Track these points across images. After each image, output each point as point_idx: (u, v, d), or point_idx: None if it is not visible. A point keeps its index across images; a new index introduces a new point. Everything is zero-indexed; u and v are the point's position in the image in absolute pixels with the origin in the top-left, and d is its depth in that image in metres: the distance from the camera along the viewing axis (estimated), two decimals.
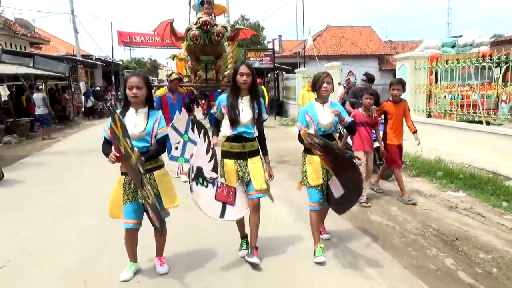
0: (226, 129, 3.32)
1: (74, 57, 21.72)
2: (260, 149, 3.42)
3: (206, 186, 3.15)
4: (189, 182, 3.05)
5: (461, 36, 13.83)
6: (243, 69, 3.21)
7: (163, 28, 7.19)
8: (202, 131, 3.36)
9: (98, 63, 23.79)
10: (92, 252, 3.75)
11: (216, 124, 3.51)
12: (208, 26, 6.78)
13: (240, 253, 3.56)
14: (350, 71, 9.43)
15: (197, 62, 7.69)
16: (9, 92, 12.38)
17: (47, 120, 12.37)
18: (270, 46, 35.22)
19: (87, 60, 22.30)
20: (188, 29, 6.98)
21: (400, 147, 5.36)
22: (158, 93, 6.40)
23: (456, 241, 3.85)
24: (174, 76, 6.49)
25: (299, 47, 22.06)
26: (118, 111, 2.99)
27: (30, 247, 3.95)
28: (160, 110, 3.24)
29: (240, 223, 3.55)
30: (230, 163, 3.33)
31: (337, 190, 3.38)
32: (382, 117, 5.68)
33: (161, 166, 3.15)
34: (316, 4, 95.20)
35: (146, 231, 3.23)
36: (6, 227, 4.62)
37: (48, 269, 3.45)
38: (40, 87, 14.37)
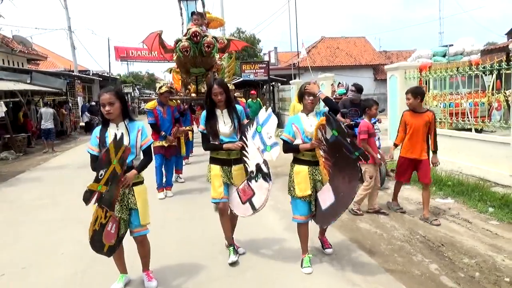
0: (213, 140, 3.62)
1: (71, 72, 21.92)
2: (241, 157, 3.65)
3: (257, 181, 3.45)
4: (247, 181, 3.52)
5: (452, 45, 14.08)
6: (215, 89, 3.47)
7: (151, 40, 6.90)
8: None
9: (95, 78, 24.00)
10: (85, 265, 3.81)
11: (206, 139, 3.65)
12: (198, 37, 6.52)
13: (230, 259, 3.65)
14: (339, 82, 9.58)
15: (187, 74, 7.34)
16: (6, 109, 12.51)
17: (52, 134, 13.13)
18: (266, 58, 35.65)
19: (84, 76, 22.52)
20: (178, 41, 6.67)
21: (416, 162, 4.85)
22: (148, 106, 6.29)
23: (442, 247, 3.93)
24: (164, 88, 6.19)
25: (294, 59, 22.31)
26: (98, 128, 3.10)
27: (24, 260, 4.01)
28: (141, 122, 3.25)
29: (224, 222, 3.73)
30: (216, 168, 3.63)
31: (326, 199, 3.39)
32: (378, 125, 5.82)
33: (141, 182, 3.19)
34: (311, 16, 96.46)
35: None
36: (4, 241, 4.68)
37: (41, 283, 3.52)
38: (49, 102, 15.20)
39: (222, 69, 8.60)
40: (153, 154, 5.04)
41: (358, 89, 6.90)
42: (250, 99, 12.47)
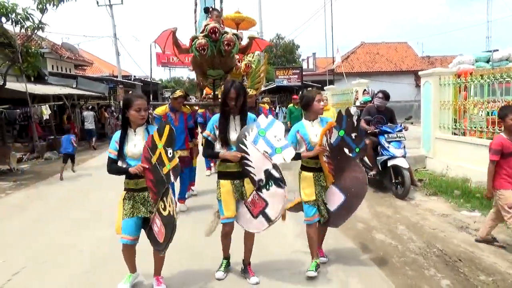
0: (220, 148, 3.36)
1: (114, 77, 22.95)
2: None
3: (268, 189, 3.23)
4: (255, 187, 3.26)
5: (497, 50, 13.35)
6: (232, 93, 3.23)
7: (164, 38, 6.09)
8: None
9: (137, 83, 24.94)
10: (99, 263, 3.97)
11: (210, 147, 3.46)
12: (217, 34, 5.65)
13: (216, 273, 3.51)
14: (365, 89, 9.38)
15: (203, 77, 6.36)
16: (50, 111, 13.30)
17: (93, 132, 15.52)
18: (304, 64, 35.53)
19: (126, 81, 23.48)
20: (194, 38, 5.75)
21: None
22: (158, 111, 5.77)
23: (458, 262, 3.73)
24: (178, 93, 5.63)
25: (331, 65, 22.07)
26: (118, 133, 3.16)
27: (45, 255, 4.25)
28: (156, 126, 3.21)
29: (226, 241, 3.50)
30: (226, 184, 3.32)
31: (334, 201, 3.56)
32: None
33: None
34: (351, 21, 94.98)
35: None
36: (26, 236, 4.99)
37: (56, 278, 3.70)
38: (91, 106, 17.67)
39: (252, 72, 7.54)
40: None
41: (386, 96, 6.72)
42: (291, 104, 11.68)
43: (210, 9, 6.45)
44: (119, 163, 3.13)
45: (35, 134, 13.06)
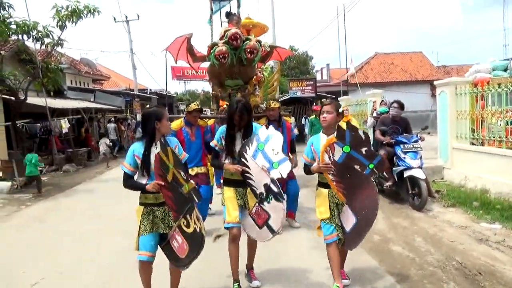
0: (226, 159, 3.45)
1: (130, 91, 23.37)
2: None
3: (269, 202, 3.25)
4: (257, 201, 3.29)
5: None
6: (237, 116, 3.29)
7: (177, 46, 5.53)
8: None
9: (153, 96, 25.33)
10: (115, 275, 4.01)
11: (217, 157, 3.56)
12: (238, 41, 5.15)
13: None
14: (382, 100, 9.31)
15: (221, 87, 5.83)
16: (69, 125, 13.60)
17: (116, 143, 16.91)
18: (318, 75, 35.53)
19: (142, 94, 23.87)
20: (213, 45, 5.29)
21: None
22: (172, 126, 5.03)
23: (479, 275, 3.63)
24: (193, 106, 5.19)
25: (346, 76, 22.03)
26: (137, 146, 3.03)
27: (62, 266, 4.31)
28: (175, 138, 3.25)
29: (233, 254, 3.44)
30: (230, 190, 3.41)
31: (348, 221, 3.27)
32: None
33: None
34: (365, 31, 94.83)
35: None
36: (45, 247, 5.07)
37: None
38: (112, 119, 18.73)
39: (265, 81, 7.01)
40: None
41: (401, 105, 6.68)
42: (313, 116, 11.19)
43: (232, 13, 6.08)
44: (142, 179, 3.00)
45: (54, 147, 13.36)
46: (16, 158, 10.03)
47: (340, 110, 3.34)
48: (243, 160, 3.30)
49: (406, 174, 6.13)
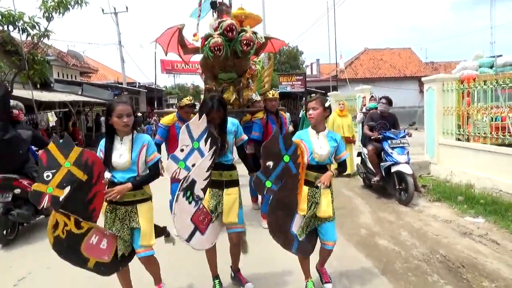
0: None
1: (119, 84, 23.14)
2: (237, 179, 3.31)
3: (190, 203, 2.96)
4: (178, 191, 2.90)
5: (501, 56, 13.34)
6: (217, 109, 3.09)
7: (168, 37, 5.27)
8: (214, 147, 3.06)
9: (142, 89, 25.14)
10: None
11: None
12: (234, 33, 4.90)
13: None
14: (371, 96, 9.40)
15: (213, 81, 5.55)
16: (56, 118, 13.42)
17: None
18: (308, 70, 35.62)
19: (131, 87, 23.68)
20: (208, 37, 5.01)
21: None
22: (164, 121, 5.10)
23: (462, 268, 3.72)
24: (185, 101, 5.09)
25: (335, 71, 22.12)
26: (103, 141, 2.91)
27: (49, 261, 4.27)
28: (147, 135, 3.04)
29: (212, 261, 3.36)
30: (207, 191, 3.16)
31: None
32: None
33: (147, 199, 2.97)
34: (355, 27, 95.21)
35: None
36: (31, 242, 5.03)
37: (62, 282, 3.76)
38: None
39: (258, 75, 6.66)
40: (169, 182, 4.71)
41: (389, 101, 6.76)
42: (304, 111, 10.55)
43: (218, 4, 5.65)
44: (107, 174, 2.88)
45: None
46: None
47: (327, 104, 3.20)
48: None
49: (393, 169, 6.22)
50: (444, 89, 8.00)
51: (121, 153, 2.84)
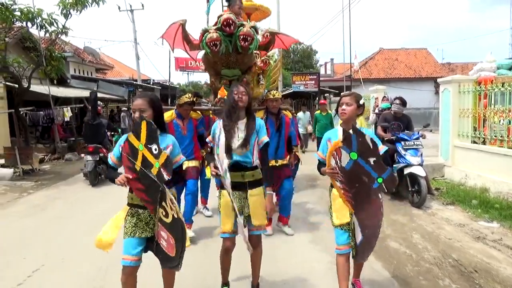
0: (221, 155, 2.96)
1: (133, 81, 23.37)
2: (261, 177, 3.07)
3: None
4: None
5: None
6: (240, 88, 2.99)
7: (173, 33, 5.12)
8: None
9: (156, 87, 25.32)
10: (115, 261, 4.04)
11: (212, 154, 3.11)
12: (232, 27, 4.72)
13: None
14: (384, 96, 9.31)
15: (217, 77, 5.37)
16: (71, 114, 13.65)
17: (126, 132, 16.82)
18: (322, 69, 35.44)
19: (145, 84, 23.87)
20: (204, 32, 4.85)
21: None
22: None
23: (474, 273, 3.67)
24: (184, 99, 4.82)
25: (348, 71, 21.95)
26: (125, 136, 2.66)
27: (62, 253, 4.37)
28: (171, 135, 2.85)
29: (226, 265, 3.17)
30: (225, 195, 2.98)
31: (358, 233, 2.91)
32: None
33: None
34: (370, 27, 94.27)
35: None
36: (46, 234, 5.13)
37: (75, 274, 3.83)
38: (124, 108, 18.84)
39: (269, 69, 6.26)
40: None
41: (403, 102, 6.69)
42: (318, 111, 10.49)
43: None
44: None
45: (56, 136, 13.41)
46: (18, 145, 10.08)
47: (361, 102, 2.96)
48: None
49: (406, 171, 6.15)
50: (461, 91, 7.87)
51: None
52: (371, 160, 2.70)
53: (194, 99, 5.09)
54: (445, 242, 4.49)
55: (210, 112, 5.37)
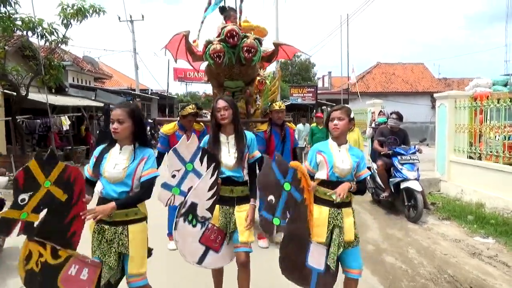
0: None
1: (131, 91, 23.46)
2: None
3: (194, 226, 2.74)
4: (176, 217, 2.70)
5: None
6: (219, 104, 2.86)
7: (176, 43, 5.11)
8: (213, 164, 2.77)
9: (154, 97, 25.43)
10: None
11: None
12: (235, 39, 4.69)
13: None
14: (380, 110, 9.37)
15: (220, 89, 5.34)
16: (69, 122, 13.65)
17: None
18: (320, 82, 35.70)
19: (143, 94, 23.97)
20: (208, 43, 4.83)
21: None
22: (164, 130, 4.84)
23: None
24: (188, 110, 4.68)
25: (346, 84, 22.13)
26: (101, 147, 2.60)
27: None
28: (151, 149, 2.67)
29: (219, 283, 3.10)
30: (216, 209, 2.85)
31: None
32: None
33: (141, 219, 2.56)
34: (367, 41, 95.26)
35: None
36: None
37: None
38: None
39: (265, 89, 6.31)
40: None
41: (399, 117, 6.74)
42: (314, 124, 10.42)
43: (227, 8, 5.42)
44: (98, 183, 2.54)
45: (53, 144, 13.36)
46: (14, 153, 10.05)
47: (352, 115, 2.88)
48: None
49: (402, 185, 6.17)
50: (457, 106, 7.95)
51: (117, 163, 2.48)
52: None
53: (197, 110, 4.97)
54: (440, 258, 4.49)
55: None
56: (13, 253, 4.62)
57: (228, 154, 2.87)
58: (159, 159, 4.44)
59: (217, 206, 2.83)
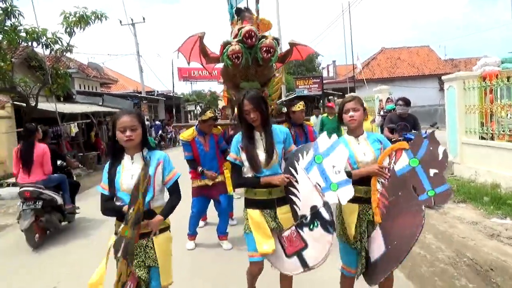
0: (248, 173, 2.75)
1: (138, 93, 23.60)
2: None
3: (312, 229, 2.59)
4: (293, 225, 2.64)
5: None
6: (246, 105, 2.67)
7: (190, 46, 5.08)
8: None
9: (160, 98, 25.55)
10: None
11: (238, 171, 2.81)
12: (253, 39, 4.64)
13: None
14: (388, 97, 9.30)
15: (235, 90, 5.22)
16: (78, 129, 13.81)
17: None
18: (325, 72, 35.47)
19: (150, 96, 24.10)
20: (226, 44, 4.78)
21: None
22: (184, 137, 4.76)
23: (490, 271, 3.65)
24: (209, 114, 4.61)
25: (351, 72, 21.96)
26: (108, 162, 2.52)
27: (78, 270, 4.39)
28: (160, 151, 2.61)
29: (253, 283, 2.96)
30: (255, 214, 2.72)
31: (375, 249, 2.61)
32: None
33: (165, 229, 2.50)
34: (371, 27, 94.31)
35: None
36: (61, 251, 5.16)
37: None
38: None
39: (271, 82, 6.08)
40: (191, 196, 4.79)
41: (406, 102, 6.67)
42: (325, 114, 9.94)
43: (243, 8, 5.45)
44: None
45: (65, 152, 13.53)
46: None
47: (364, 104, 2.76)
48: (291, 170, 2.69)
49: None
50: (466, 87, 7.86)
51: (133, 173, 2.37)
52: (432, 171, 2.46)
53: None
54: (458, 241, 4.47)
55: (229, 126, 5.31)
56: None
57: (263, 152, 2.72)
58: (192, 164, 4.72)
59: (258, 211, 2.72)
